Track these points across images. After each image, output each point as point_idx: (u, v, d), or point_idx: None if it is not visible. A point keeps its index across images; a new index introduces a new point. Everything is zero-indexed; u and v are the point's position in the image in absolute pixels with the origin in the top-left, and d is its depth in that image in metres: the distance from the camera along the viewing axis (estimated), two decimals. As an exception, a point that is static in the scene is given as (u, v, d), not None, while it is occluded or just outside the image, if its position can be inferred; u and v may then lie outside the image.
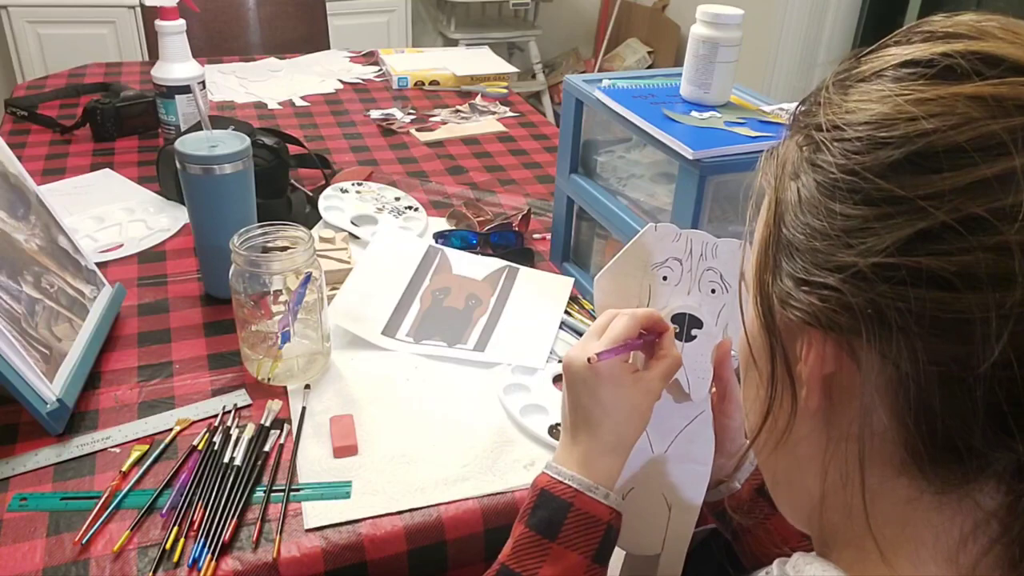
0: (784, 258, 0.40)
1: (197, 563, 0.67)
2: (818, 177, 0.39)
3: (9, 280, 0.81)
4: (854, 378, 0.38)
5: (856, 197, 0.37)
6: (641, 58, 3.58)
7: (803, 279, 0.39)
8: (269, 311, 0.85)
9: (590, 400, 0.60)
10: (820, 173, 0.39)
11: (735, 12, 0.91)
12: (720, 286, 0.59)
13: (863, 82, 0.40)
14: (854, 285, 0.36)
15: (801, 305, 0.39)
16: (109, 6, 2.76)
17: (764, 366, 0.44)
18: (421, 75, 1.85)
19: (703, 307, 0.59)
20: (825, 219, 0.38)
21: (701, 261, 0.59)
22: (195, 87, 1.08)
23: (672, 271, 0.58)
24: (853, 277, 0.36)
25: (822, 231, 0.38)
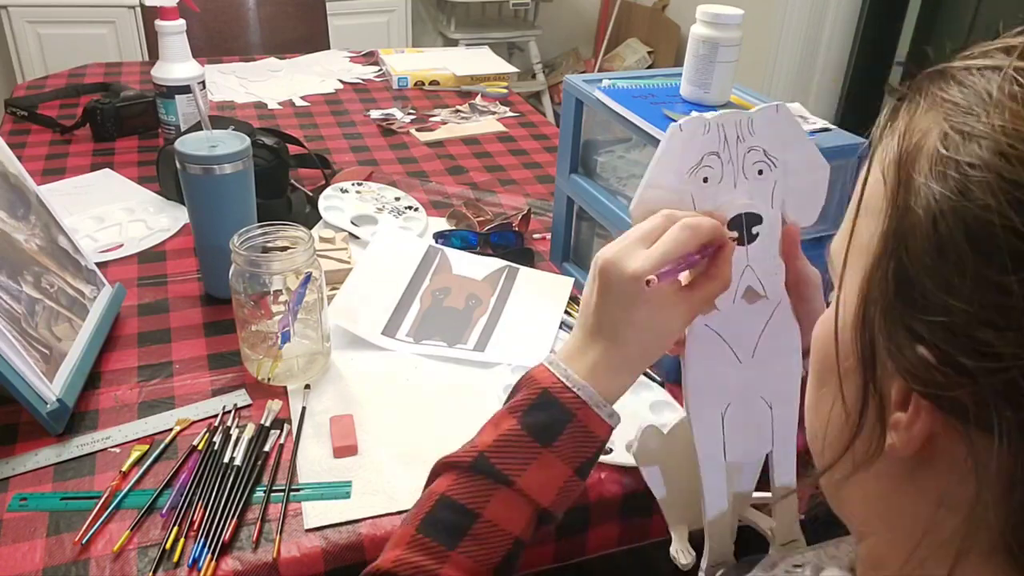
0: (902, 299, 0.32)
1: (197, 563, 0.67)
2: (968, 218, 0.29)
3: (9, 280, 0.81)
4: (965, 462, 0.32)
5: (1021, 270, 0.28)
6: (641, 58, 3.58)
7: (926, 339, 0.31)
8: (269, 311, 0.85)
9: (623, 314, 0.54)
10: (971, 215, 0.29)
11: (735, 12, 0.91)
12: (767, 163, 0.53)
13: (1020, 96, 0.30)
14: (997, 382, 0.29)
15: (916, 369, 0.32)
16: (109, 6, 2.76)
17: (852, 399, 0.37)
18: (421, 75, 1.85)
19: (755, 196, 0.53)
20: (972, 281, 0.29)
21: (739, 144, 0.52)
22: (195, 87, 1.08)
23: (712, 169, 0.52)
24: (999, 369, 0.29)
25: (965, 295, 0.30)
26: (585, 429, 0.55)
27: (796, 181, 0.54)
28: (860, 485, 0.39)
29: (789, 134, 0.53)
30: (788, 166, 0.54)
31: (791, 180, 0.54)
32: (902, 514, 0.37)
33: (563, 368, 0.56)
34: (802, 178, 0.55)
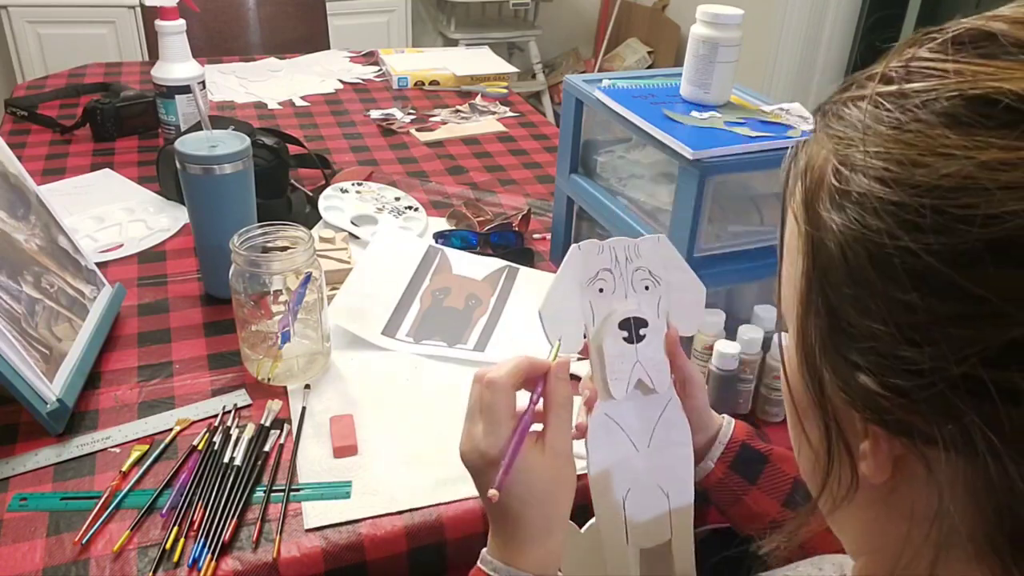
0: (834, 332, 0.33)
1: (197, 563, 0.67)
2: (867, 244, 0.31)
3: (9, 280, 0.81)
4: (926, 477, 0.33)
5: (922, 287, 0.29)
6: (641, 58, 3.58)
7: (861, 366, 0.32)
8: (269, 311, 0.85)
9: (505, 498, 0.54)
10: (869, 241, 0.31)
11: (735, 12, 0.91)
12: (651, 281, 0.62)
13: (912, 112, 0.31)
14: (930, 397, 0.30)
15: (861, 398, 0.33)
16: (109, 6, 2.76)
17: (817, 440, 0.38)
18: (421, 75, 1.85)
19: (643, 305, 0.62)
20: (882, 304, 0.31)
21: (628, 264, 0.62)
22: (195, 87, 1.08)
23: (605, 282, 0.61)
24: (929, 386, 0.30)
25: (880, 316, 0.31)
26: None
27: (678, 298, 0.63)
28: (848, 514, 0.40)
29: (670, 260, 0.63)
30: (671, 285, 0.63)
31: (673, 296, 0.63)
32: (886, 535, 0.37)
33: (490, 561, 0.56)
34: (683, 296, 0.63)
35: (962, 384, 0.29)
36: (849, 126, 0.33)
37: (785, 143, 0.84)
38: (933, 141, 0.30)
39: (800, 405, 0.39)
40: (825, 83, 2.88)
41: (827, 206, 0.33)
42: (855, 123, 0.33)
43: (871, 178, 0.31)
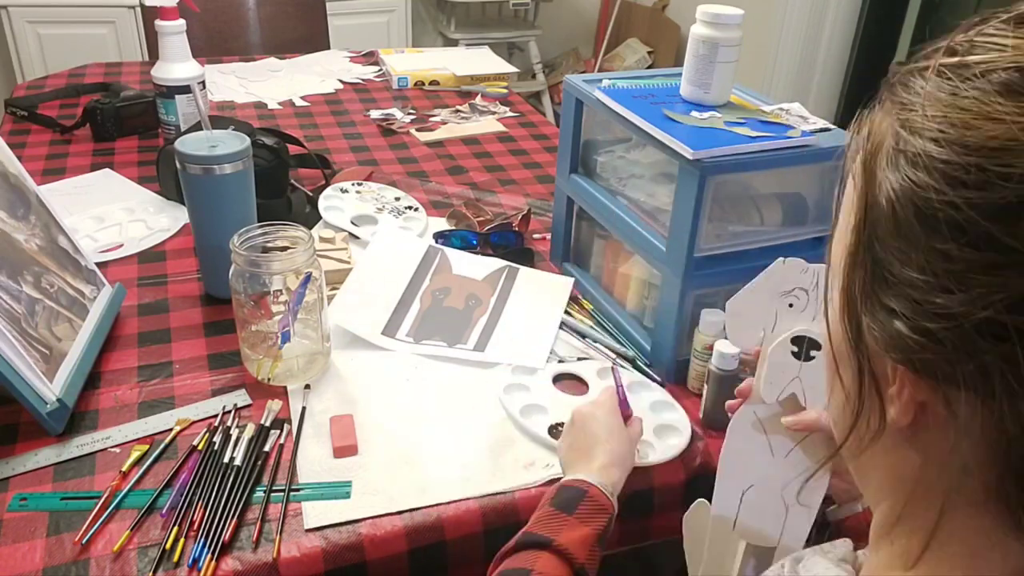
0: (876, 280, 0.37)
1: (197, 563, 0.67)
2: (916, 199, 0.34)
3: (9, 280, 0.81)
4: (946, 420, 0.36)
5: (961, 238, 0.32)
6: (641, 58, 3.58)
7: (897, 312, 0.35)
8: (269, 311, 0.85)
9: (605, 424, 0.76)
10: (918, 196, 0.34)
11: (735, 12, 0.91)
12: None
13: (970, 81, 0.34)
14: (956, 338, 0.33)
15: (894, 341, 0.36)
16: (109, 6, 2.76)
17: (850, 382, 0.41)
18: (421, 75, 1.85)
19: None
20: (923, 254, 0.34)
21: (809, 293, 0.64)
22: (195, 87, 1.08)
23: (798, 300, 0.64)
24: (956, 329, 0.33)
25: (919, 265, 0.34)
26: (596, 501, 0.69)
27: None
28: (872, 459, 0.42)
29: None
30: None
31: None
32: (905, 479, 0.40)
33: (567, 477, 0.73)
34: None
35: (986, 327, 0.32)
36: (913, 94, 0.36)
37: (785, 143, 0.84)
38: (987, 107, 0.33)
39: (838, 350, 0.41)
40: (825, 83, 2.88)
41: (883, 165, 0.36)
42: (918, 90, 0.36)
43: (926, 139, 0.34)
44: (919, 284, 0.34)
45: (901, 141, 0.35)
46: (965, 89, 0.34)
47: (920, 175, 0.34)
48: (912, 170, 0.34)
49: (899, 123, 0.36)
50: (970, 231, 0.32)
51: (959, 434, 0.35)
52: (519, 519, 0.75)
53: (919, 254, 0.34)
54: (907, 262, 0.35)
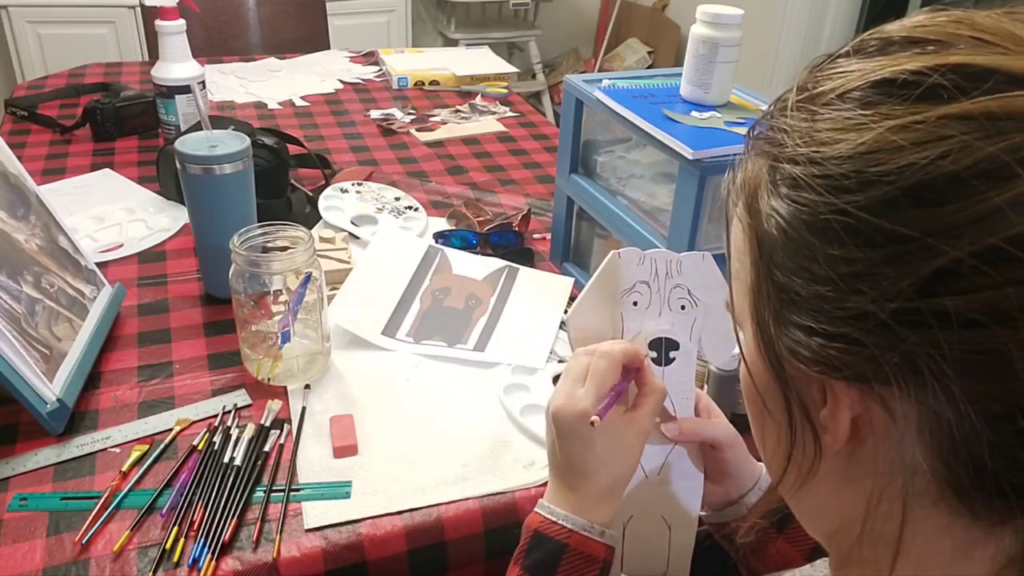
0: (784, 306, 0.38)
1: (197, 563, 0.67)
2: (804, 216, 0.36)
3: (9, 280, 0.81)
4: (886, 423, 0.36)
5: (856, 239, 0.34)
6: (641, 58, 3.58)
7: (813, 328, 0.36)
8: (269, 311, 0.85)
9: (584, 450, 0.59)
10: (805, 213, 0.36)
11: (735, 12, 0.91)
12: (689, 301, 0.60)
13: (828, 106, 0.37)
14: (875, 335, 0.34)
15: (817, 357, 0.36)
16: (109, 6, 2.76)
17: (779, 415, 0.41)
18: (421, 75, 1.85)
19: (676, 326, 0.60)
20: (824, 264, 0.35)
21: (667, 280, 0.60)
22: (195, 87, 1.08)
23: (641, 295, 0.59)
24: (872, 326, 0.34)
25: (824, 277, 0.35)
26: (581, 554, 0.58)
27: (714, 323, 0.60)
28: (815, 491, 0.42)
29: (711, 280, 0.60)
30: (709, 308, 0.60)
31: (710, 322, 0.60)
32: (853, 503, 0.40)
33: (548, 507, 0.60)
34: (719, 322, 0.60)
35: (902, 316, 0.33)
36: (777, 131, 0.39)
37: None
38: (848, 120, 0.35)
39: (762, 387, 0.42)
40: (825, 83, 2.88)
41: (765, 198, 0.39)
42: (783, 127, 0.39)
43: (802, 163, 0.36)
44: (827, 294, 0.35)
45: (778, 173, 0.38)
46: (824, 112, 0.37)
47: (804, 195, 0.36)
48: (795, 193, 0.36)
49: (771, 160, 0.39)
50: (864, 231, 0.34)
51: (899, 436, 0.36)
52: (519, 519, 0.75)
53: (820, 266, 0.35)
54: (810, 278, 0.36)
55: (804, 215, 0.36)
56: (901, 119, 0.34)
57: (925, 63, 0.34)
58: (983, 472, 0.34)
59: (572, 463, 0.60)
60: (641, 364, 0.61)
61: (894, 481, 0.37)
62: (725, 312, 0.61)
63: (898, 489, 0.37)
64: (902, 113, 0.34)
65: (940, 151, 0.32)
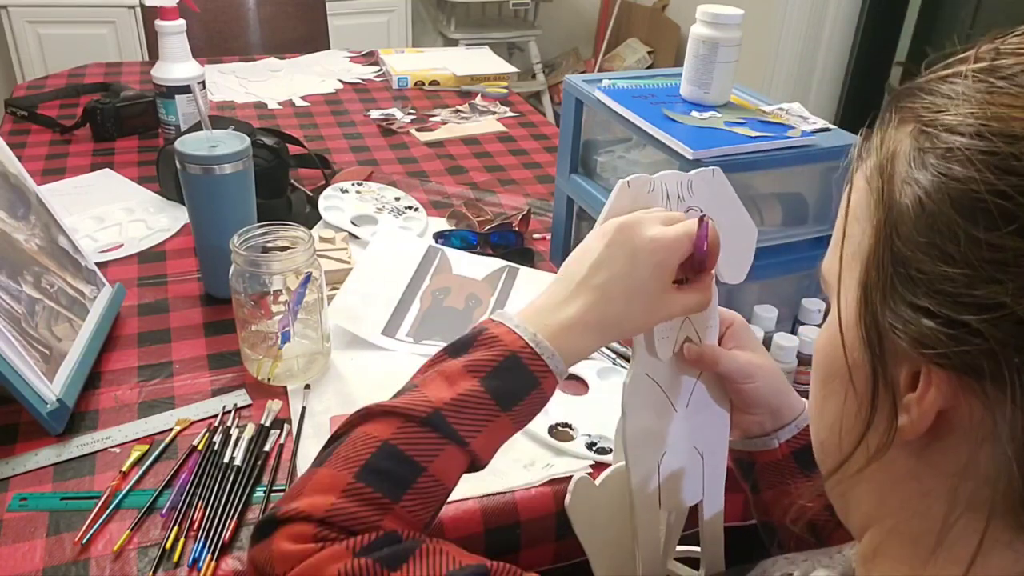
0: (901, 280, 0.35)
1: (197, 563, 0.67)
2: (952, 191, 0.33)
3: (9, 280, 0.81)
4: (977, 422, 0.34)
5: (1010, 226, 0.32)
6: (641, 58, 3.58)
7: (931, 310, 0.34)
8: (269, 311, 0.85)
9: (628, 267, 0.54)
10: (955, 188, 0.33)
11: (735, 12, 0.91)
12: None
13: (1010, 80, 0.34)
14: (1003, 330, 0.32)
15: (925, 340, 0.34)
16: (109, 6, 2.76)
17: (863, 388, 0.39)
18: (421, 75, 1.85)
19: None
20: (964, 245, 0.33)
21: (680, 203, 0.57)
22: (195, 87, 1.08)
23: None
24: (1002, 320, 0.32)
25: (960, 258, 0.33)
26: (543, 394, 0.55)
27: (728, 241, 0.57)
28: (870, 478, 0.40)
29: (724, 197, 0.58)
30: (721, 226, 0.56)
31: (723, 240, 0.56)
32: (912, 496, 0.38)
33: (532, 333, 0.55)
34: (733, 239, 0.58)
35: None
36: (940, 97, 0.36)
37: (785, 143, 0.84)
38: None
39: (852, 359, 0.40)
40: (825, 83, 2.88)
41: (905, 164, 0.36)
42: (948, 93, 0.36)
43: (963, 134, 0.34)
44: (956, 277, 0.33)
45: (929, 140, 0.35)
46: (1003, 86, 0.34)
47: (958, 169, 0.33)
48: (946, 165, 0.34)
49: (922, 126, 0.36)
50: (1021, 217, 0.31)
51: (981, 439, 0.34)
52: (519, 519, 0.75)
53: (958, 246, 0.33)
54: (940, 257, 0.34)
55: (953, 190, 0.33)
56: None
57: None
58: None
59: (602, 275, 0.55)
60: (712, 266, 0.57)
61: (961, 485, 0.36)
62: (739, 229, 0.59)
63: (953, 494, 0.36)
64: None
65: None
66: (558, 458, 0.80)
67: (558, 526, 0.76)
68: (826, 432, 0.44)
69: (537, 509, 0.76)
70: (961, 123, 0.34)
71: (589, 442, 0.81)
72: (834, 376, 0.42)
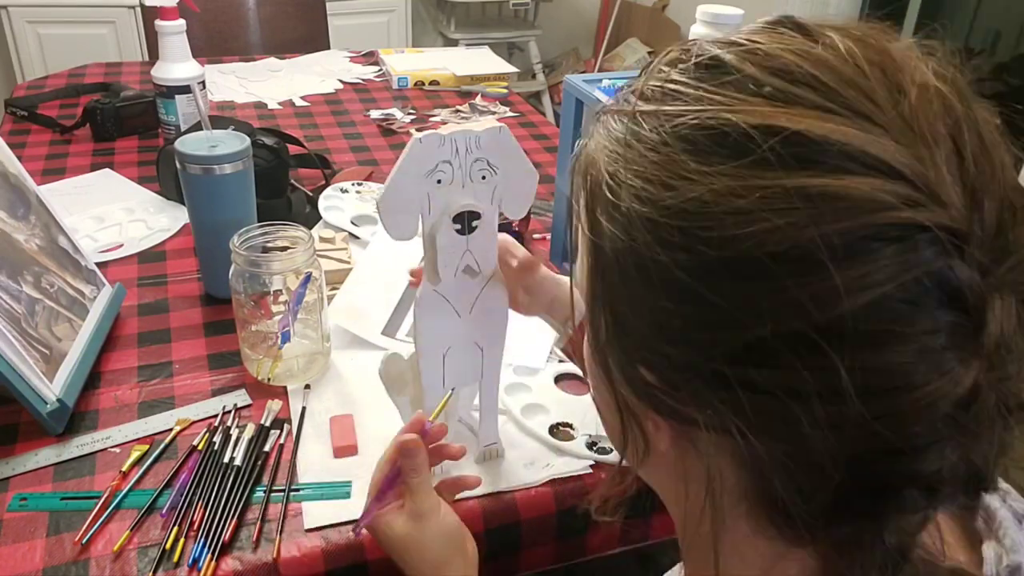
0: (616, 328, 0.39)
1: (197, 563, 0.67)
2: (634, 256, 0.35)
3: (9, 280, 0.81)
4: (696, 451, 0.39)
5: (674, 296, 0.34)
6: (641, 58, 3.58)
7: (637, 358, 0.38)
8: (269, 311, 0.85)
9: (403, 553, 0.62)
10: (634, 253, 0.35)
11: (735, 12, 0.91)
12: (488, 171, 0.66)
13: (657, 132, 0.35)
14: (688, 384, 0.36)
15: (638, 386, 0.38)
16: (109, 6, 2.76)
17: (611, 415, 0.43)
18: (421, 75, 1.85)
19: (478, 195, 0.66)
20: (647, 307, 0.36)
21: (468, 155, 0.64)
22: (195, 87, 1.08)
23: (444, 173, 0.64)
24: (685, 376, 0.35)
25: (646, 318, 0.36)
26: None
27: (512, 184, 0.67)
28: (649, 473, 0.46)
29: (509, 149, 0.66)
30: (507, 173, 0.67)
31: (509, 184, 0.67)
32: (677, 495, 0.43)
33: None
34: (517, 182, 0.68)
35: (712, 378, 0.34)
36: (617, 139, 0.37)
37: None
38: (678, 166, 0.33)
39: (595, 383, 0.44)
40: (825, 83, 2.88)
41: (603, 214, 0.37)
42: (620, 138, 0.37)
43: (632, 196, 0.35)
44: (649, 335, 0.36)
45: (613, 193, 0.36)
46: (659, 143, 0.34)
47: (633, 231, 0.35)
48: (627, 226, 0.35)
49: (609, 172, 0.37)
50: (682, 290, 0.34)
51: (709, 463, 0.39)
52: (519, 519, 0.75)
53: (644, 308, 0.36)
54: (637, 313, 0.36)
55: (633, 253, 0.35)
56: (726, 182, 0.32)
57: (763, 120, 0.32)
58: (775, 505, 0.36)
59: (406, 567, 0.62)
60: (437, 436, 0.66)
61: (704, 492, 0.39)
62: (522, 175, 0.68)
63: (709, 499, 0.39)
64: (728, 175, 0.32)
65: (765, 227, 0.31)
66: (558, 458, 0.80)
67: (558, 526, 0.76)
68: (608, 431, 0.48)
69: (537, 509, 0.76)
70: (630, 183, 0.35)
71: (589, 442, 0.81)
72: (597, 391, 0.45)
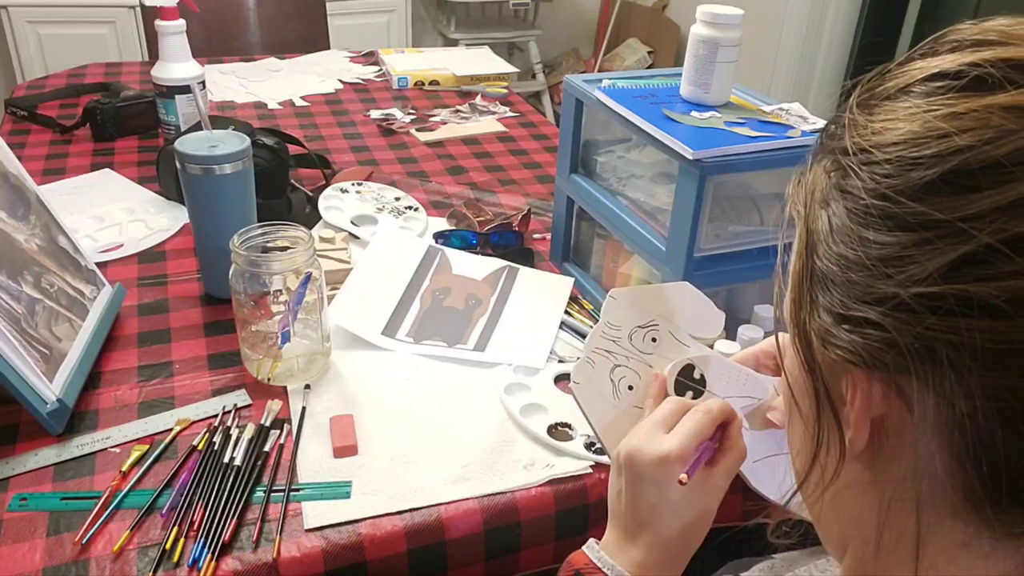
0: (819, 292, 0.38)
1: (197, 563, 0.67)
2: (848, 204, 0.37)
3: (9, 280, 0.81)
4: (905, 420, 0.36)
5: (890, 223, 0.35)
6: (641, 58, 3.58)
7: (841, 314, 0.37)
8: (269, 311, 0.85)
9: (660, 497, 0.56)
10: (850, 200, 0.37)
11: (735, 12, 0.91)
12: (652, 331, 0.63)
13: (889, 100, 0.38)
14: (897, 319, 0.34)
15: (842, 343, 0.37)
16: (109, 6, 2.76)
17: (808, 409, 0.41)
18: (421, 75, 1.85)
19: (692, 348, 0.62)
20: (859, 248, 0.36)
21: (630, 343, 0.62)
22: (195, 87, 1.08)
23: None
24: (895, 309, 0.34)
25: (857, 261, 0.36)
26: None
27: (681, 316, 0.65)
28: (835, 500, 0.42)
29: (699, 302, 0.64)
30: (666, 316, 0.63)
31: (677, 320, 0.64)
32: (873, 510, 0.40)
33: (598, 551, 0.58)
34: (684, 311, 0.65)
35: (925, 300, 0.33)
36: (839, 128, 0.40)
37: (785, 143, 0.84)
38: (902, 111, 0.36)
39: (793, 381, 0.43)
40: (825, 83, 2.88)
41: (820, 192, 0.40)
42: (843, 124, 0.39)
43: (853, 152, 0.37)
44: (857, 280, 0.36)
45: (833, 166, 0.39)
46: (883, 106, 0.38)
47: (851, 182, 0.37)
48: (845, 182, 0.38)
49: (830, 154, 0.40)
50: (899, 214, 0.34)
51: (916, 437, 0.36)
52: (519, 519, 0.75)
53: (855, 250, 0.36)
54: (846, 264, 0.37)
55: (848, 202, 0.37)
56: (949, 108, 0.34)
57: (980, 57, 0.35)
58: (997, 473, 0.33)
59: (642, 511, 0.57)
60: (731, 421, 0.60)
61: (911, 490, 0.37)
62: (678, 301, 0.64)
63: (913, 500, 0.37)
64: (951, 102, 0.34)
65: (983, 137, 0.33)
66: (558, 458, 0.80)
67: (558, 526, 0.76)
68: (794, 455, 0.46)
69: (537, 509, 0.76)
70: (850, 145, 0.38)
71: (588, 442, 0.81)
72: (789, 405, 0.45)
